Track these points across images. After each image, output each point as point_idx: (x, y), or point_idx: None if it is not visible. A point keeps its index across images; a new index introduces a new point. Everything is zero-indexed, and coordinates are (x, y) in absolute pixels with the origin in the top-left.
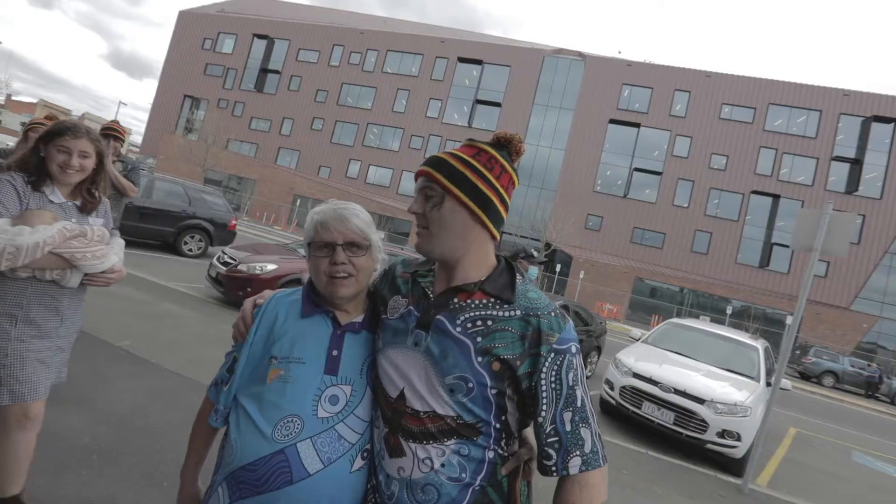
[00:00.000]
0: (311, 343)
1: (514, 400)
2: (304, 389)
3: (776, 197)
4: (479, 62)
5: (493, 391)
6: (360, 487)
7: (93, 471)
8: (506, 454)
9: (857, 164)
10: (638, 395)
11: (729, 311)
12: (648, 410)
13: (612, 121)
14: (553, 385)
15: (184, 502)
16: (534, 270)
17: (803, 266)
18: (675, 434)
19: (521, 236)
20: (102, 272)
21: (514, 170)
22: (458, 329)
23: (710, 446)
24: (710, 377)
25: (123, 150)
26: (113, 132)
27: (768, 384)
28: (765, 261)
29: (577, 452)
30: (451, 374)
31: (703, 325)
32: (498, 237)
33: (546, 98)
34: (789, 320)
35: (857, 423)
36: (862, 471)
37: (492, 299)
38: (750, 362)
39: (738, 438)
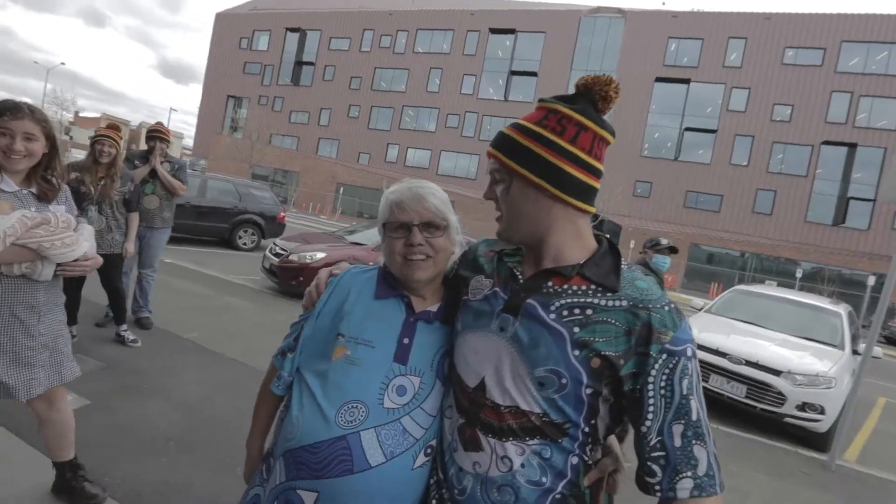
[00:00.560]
0: (381, 327)
1: (608, 402)
2: (370, 375)
3: (852, 146)
4: (512, 31)
5: (589, 390)
6: (421, 485)
7: (170, 458)
8: (589, 462)
9: None
10: (704, 368)
11: (799, 275)
12: (717, 384)
13: (659, 79)
14: (662, 392)
15: (251, 473)
16: (664, 260)
17: (889, 220)
18: (749, 408)
19: None
20: (76, 260)
21: (602, 122)
22: (552, 316)
23: (788, 420)
24: (786, 346)
25: (177, 153)
26: (158, 134)
27: (855, 352)
28: (840, 217)
29: (689, 473)
30: (542, 367)
31: (774, 290)
32: (590, 210)
33: (585, 62)
34: (871, 281)
35: None
36: None
37: (592, 286)
38: (832, 329)
39: (822, 412)
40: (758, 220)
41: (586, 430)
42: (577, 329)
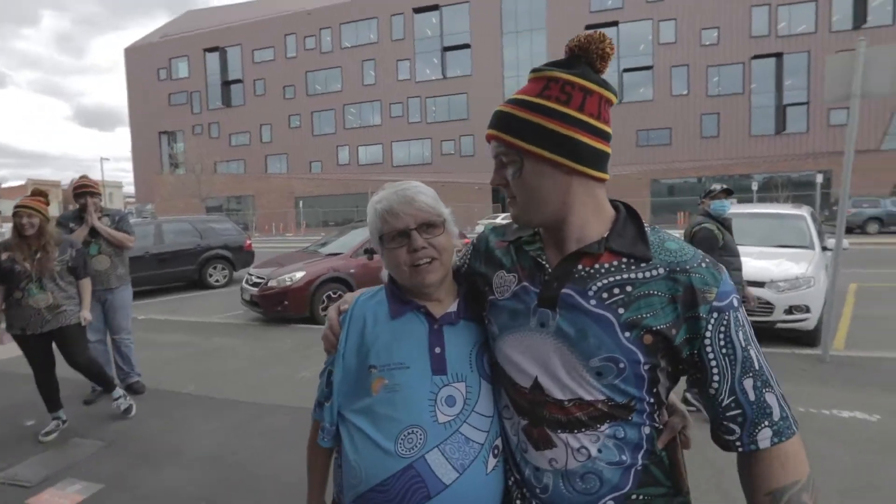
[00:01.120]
0: (408, 345)
1: (666, 371)
2: (415, 396)
3: (779, 56)
4: (435, 7)
5: (647, 366)
6: (499, 487)
7: None
8: (660, 427)
9: None
10: None
11: (754, 188)
12: None
13: (589, 26)
14: (724, 350)
15: None
16: (723, 204)
17: (822, 120)
18: None
19: None
20: None
21: (603, 82)
22: (593, 302)
23: (779, 325)
24: (763, 258)
25: (120, 203)
26: (86, 189)
27: (824, 249)
28: (780, 126)
29: (766, 423)
30: (597, 356)
31: (739, 207)
32: (606, 177)
33: (514, 24)
34: (819, 179)
35: None
36: None
37: (624, 259)
38: (799, 232)
39: (808, 310)
40: (707, 143)
41: (651, 400)
42: (621, 310)
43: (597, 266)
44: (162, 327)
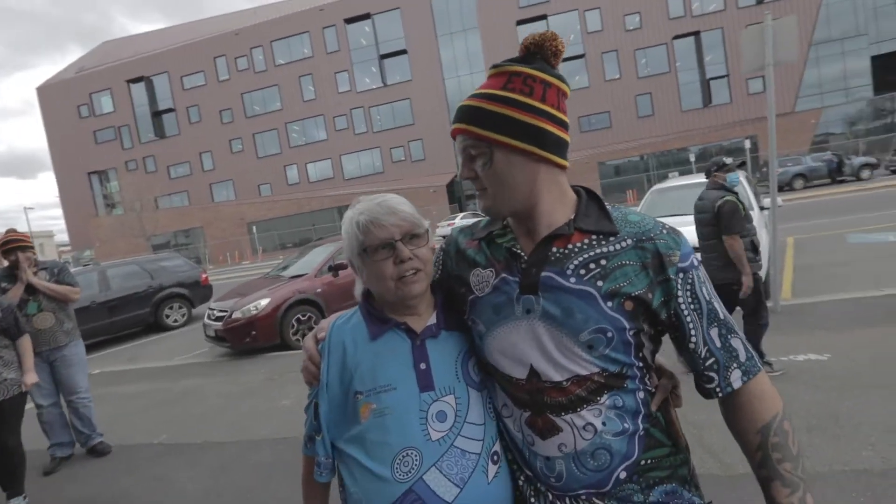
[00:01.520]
0: (393, 365)
1: (649, 335)
2: (405, 417)
3: (696, 34)
4: (367, 16)
5: (632, 332)
6: (504, 493)
7: None
8: (652, 389)
9: None
10: None
11: (692, 159)
12: None
13: (520, 22)
14: (693, 306)
15: None
16: (734, 176)
17: (742, 90)
18: None
19: None
20: None
21: (560, 76)
22: (573, 280)
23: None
24: None
25: (53, 254)
26: (16, 244)
27: (762, 208)
28: (707, 99)
29: (735, 365)
30: (586, 330)
31: (681, 180)
32: (567, 164)
33: (447, 26)
34: (747, 144)
35: (837, 209)
36: (862, 249)
37: (593, 237)
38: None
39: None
40: (644, 123)
41: (640, 364)
42: (600, 283)
43: (570, 246)
44: (121, 378)
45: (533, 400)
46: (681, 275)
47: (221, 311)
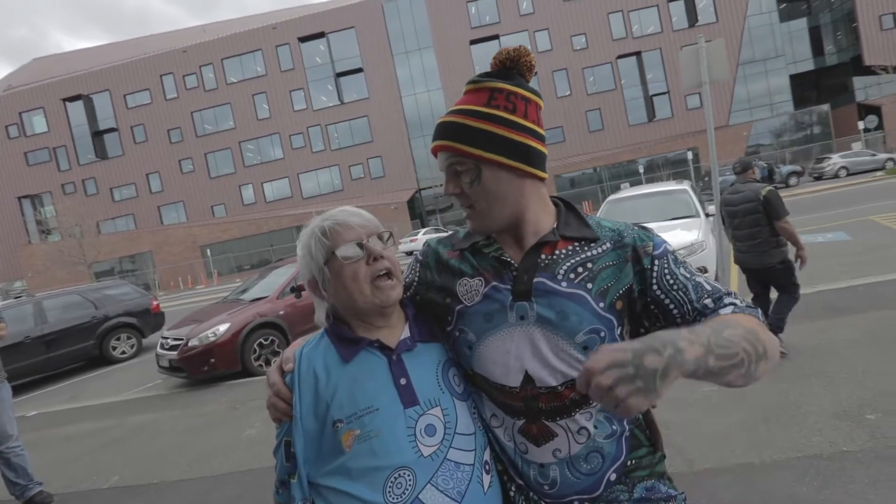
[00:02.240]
0: (371, 386)
1: (630, 333)
2: (393, 436)
3: (638, 54)
4: (321, 35)
5: (619, 331)
6: (499, 503)
7: None
8: None
9: None
10: None
11: (641, 171)
12: None
13: (473, 41)
14: (674, 287)
15: None
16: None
17: (682, 105)
18: None
19: (438, 184)
20: None
21: (535, 91)
22: (564, 284)
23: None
24: (662, 231)
25: None
26: None
27: (707, 215)
28: (651, 114)
29: (726, 307)
30: (581, 331)
31: (634, 190)
32: (546, 176)
33: (402, 44)
34: (689, 155)
35: None
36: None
37: (577, 243)
38: (685, 204)
39: (706, 271)
40: (595, 136)
41: None
42: (590, 285)
43: (557, 252)
44: (63, 419)
45: (527, 407)
46: (655, 262)
47: (176, 339)
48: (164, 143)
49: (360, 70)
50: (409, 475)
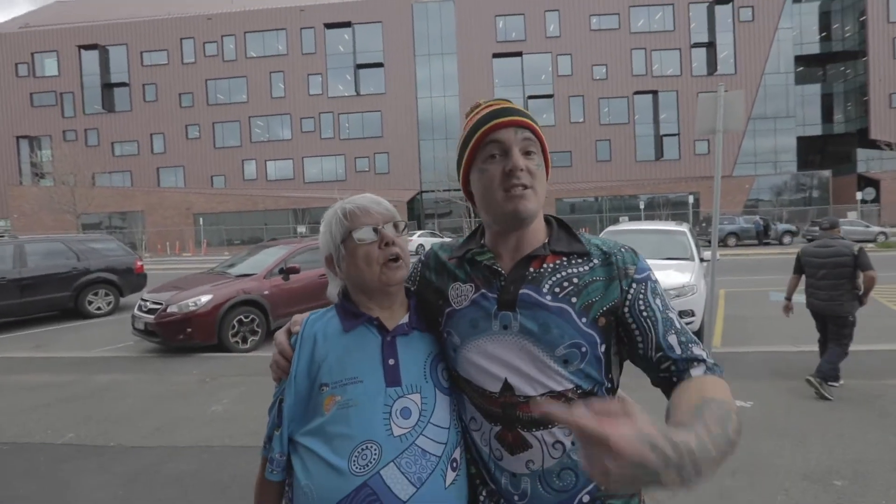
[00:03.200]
0: (361, 358)
1: (616, 352)
2: (370, 410)
3: (654, 93)
4: (348, 24)
5: (603, 348)
6: (459, 502)
7: None
8: None
9: (711, 46)
10: None
11: (642, 206)
12: None
13: (496, 54)
14: (644, 314)
15: None
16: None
17: (690, 149)
18: None
19: (444, 189)
20: None
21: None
22: (549, 297)
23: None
24: (656, 269)
25: None
26: None
27: (702, 260)
28: (659, 153)
29: (696, 364)
30: (562, 345)
31: (634, 225)
32: None
33: (426, 47)
34: (690, 199)
35: (762, 269)
36: (781, 306)
37: (565, 258)
38: (682, 246)
39: (693, 314)
40: (601, 166)
41: (608, 385)
42: (574, 299)
43: (545, 266)
44: (25, 367)
45: (505, 414)
46: (633, 284)
47: (155, 302)
48: (173, 106)
49: (380, 65)
50: (375, 449)
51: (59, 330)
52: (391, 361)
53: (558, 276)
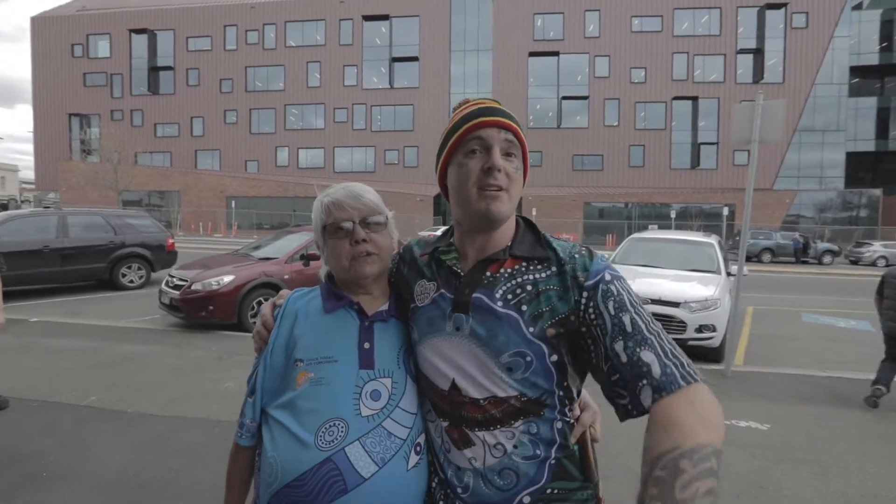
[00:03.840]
0: (338, 339)
1: (571, 364)
2: (341, 389)
3: (695, 99)
4: (385, 17)
5: (553, 358)
6: (420, 486)
7: None
8: (571, 421)
9: (759, 53)
10: None
11: (673, 216)
12: None
13: (532, 53)
14: (595, 322)
15: None
16: None
17: (729, 159)
18: None
19: None
20: None
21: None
22: (500, 303)
23: (690, 343)
24: (679, 280)
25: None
26: None
27: (728, 274)
28: (695, 161)
29: (645, 381)
30: (506, 353)
31: (660, 233)
32: None
33: (462, 43)
34: (725, 211)
35: (797, 288)
36: (814, 328)
37: (524, 263)
38: (709, 258)
39: (714, 329)
40: (634, 172)
41: (561, 394)
42: (524, 307)
43: (502, 271)
44: (59, 331)
45: (452, 411)
46: (584, 293)
47: (181, 279)
48: (213, 91)
49: (415, 59)
50: (342, 427)
51: (94, 299)
52: (366, 345)
53: (513, 282)
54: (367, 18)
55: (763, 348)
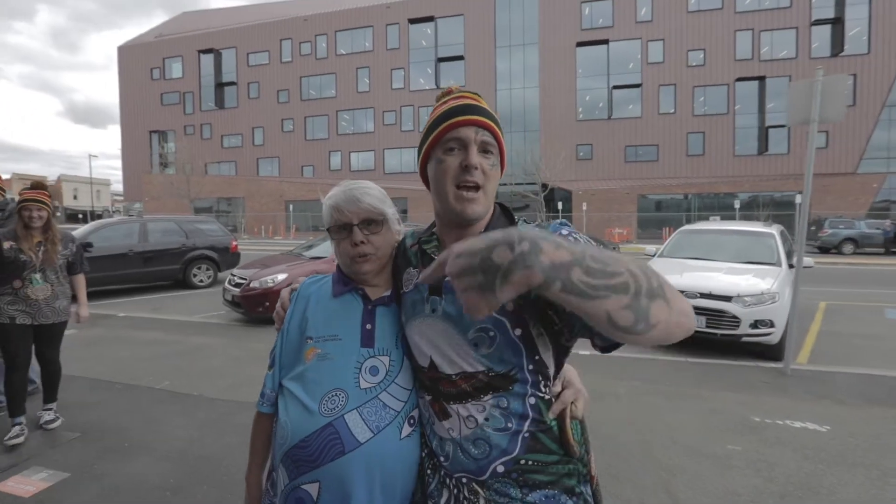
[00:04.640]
0: (344, 320)
1: (543, 335)
2: (343, 364)
3: (761, 79)
4: (430, 19)
5: (517, 332)
6: (412, 455)
7: None
8: (548, 397)
9: (838, 23)
10: None
11: (737, 206)
12: None
13: (580, 43)
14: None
15: None
16: None
17: (803, 142)
18: (710, 336)
19: (516, 183)
20: None
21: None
22: None
23: (745, 339)
24: (732, 273)
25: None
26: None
27: (791, 266)
28: (763, 147)
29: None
30: (472, 329)
31: (714, 224)
32: None
33: (507, 38)
34: (798, 199)
35: (884, 281)
36: None
37: None
38: (768, 249)
39: (772, 325)
40: (693, 161)
41: (531, 367)
42: None
43: None
44: (143, 325)
45: (432, 387)
46: None
47: (241, 278)
48: (272, 102)
49: (461, 58)
50: (343, 396)
51: (171, 297)
52: (368, 326)
53: None
54: (413, 21)
55: (834, 347)
